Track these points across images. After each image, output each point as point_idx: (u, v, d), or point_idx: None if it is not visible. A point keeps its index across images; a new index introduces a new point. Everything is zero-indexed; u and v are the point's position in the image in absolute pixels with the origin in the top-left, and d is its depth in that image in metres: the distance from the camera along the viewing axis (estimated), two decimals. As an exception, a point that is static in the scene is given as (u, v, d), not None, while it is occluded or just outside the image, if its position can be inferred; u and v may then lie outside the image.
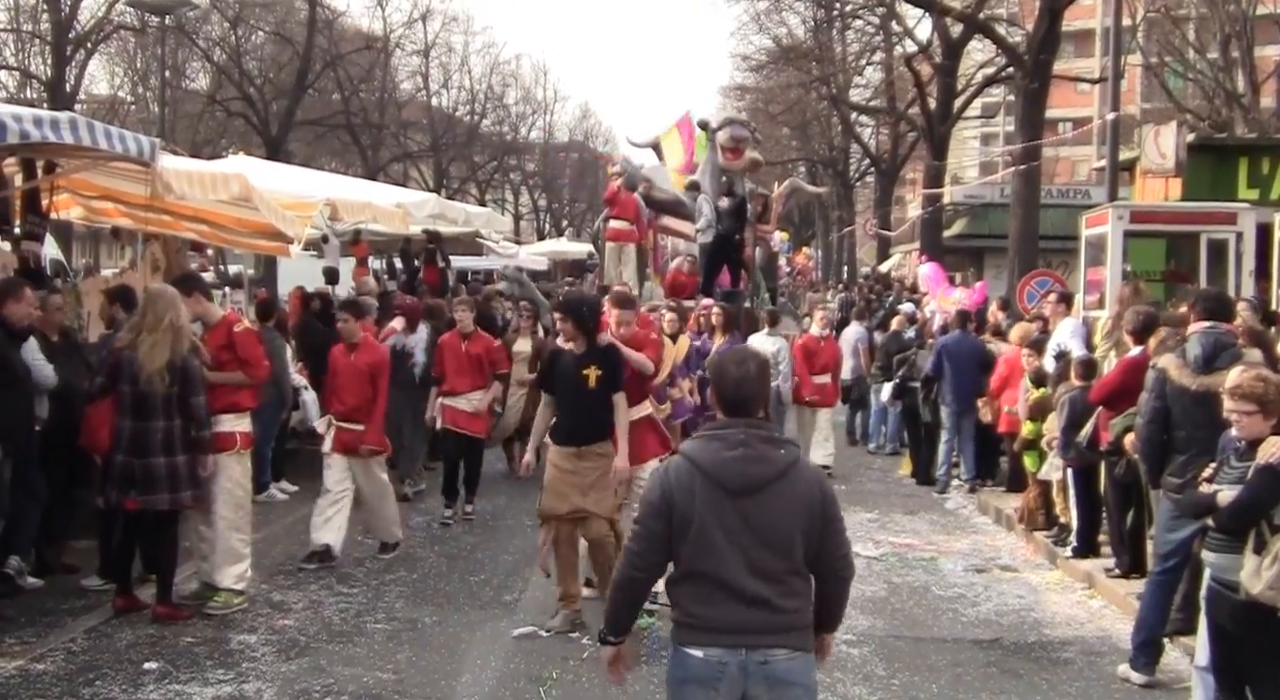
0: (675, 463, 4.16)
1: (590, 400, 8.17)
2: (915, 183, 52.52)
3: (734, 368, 4.17)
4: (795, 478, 4.05)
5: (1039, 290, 16.24)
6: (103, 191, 11.75)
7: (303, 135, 41.24)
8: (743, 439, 4.04)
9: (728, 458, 4.02)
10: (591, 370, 8.13)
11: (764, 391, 4.24)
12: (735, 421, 4.11)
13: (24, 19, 35.26)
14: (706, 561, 4.02)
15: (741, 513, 4.00)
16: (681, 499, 4.03)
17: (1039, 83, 21.48)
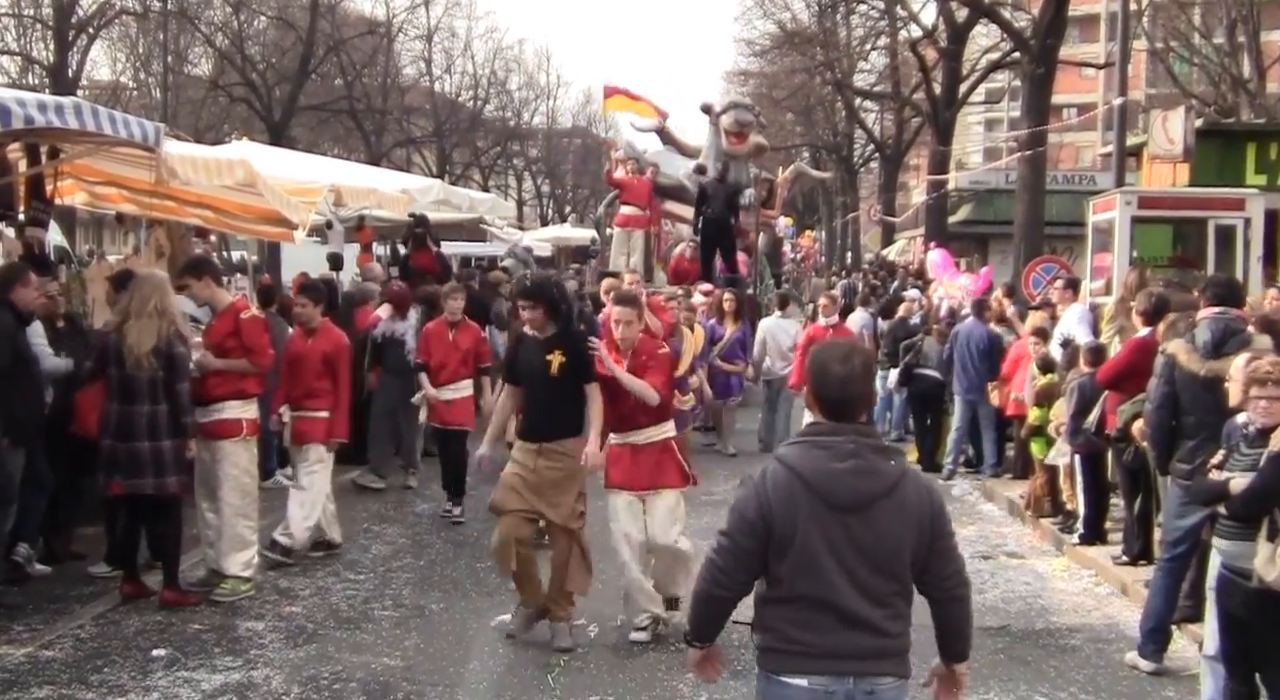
0: (773, 472, 3.74)
1: (554, 390, 7.43)
2: (919, 168, 52.50)
3: (838, 365, 3.76)
4: (905, 491, 3.70)
5: (1045, 276, 16.18)
6: (107, 177, 11.72)
7: (305, 121, 41.21)
8: (853, 449, 3.67)
9: (837, 470, 3.66)
10: (555, 356, 7.41)
11: (870, 391, 3.94)
12: (841, 427, 3.73)
13: (25, 3, 35.21)
14: (810, 583, 3.68)
15: (848, 530, 3.66)
16: (782, 514, 3.67)
17: (1045, 68, 21.40)
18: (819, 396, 3.80)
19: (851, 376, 3.74)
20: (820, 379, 3.79)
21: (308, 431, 9.50)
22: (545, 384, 7.44)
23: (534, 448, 7.45)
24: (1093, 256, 14.02)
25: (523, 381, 7.59)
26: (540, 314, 7.52)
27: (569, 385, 7.43)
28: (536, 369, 7.47)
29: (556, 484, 7.44)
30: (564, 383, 7.41)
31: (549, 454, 7.43)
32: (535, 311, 7.54)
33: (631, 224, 18.65)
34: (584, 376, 7.49)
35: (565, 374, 7.40)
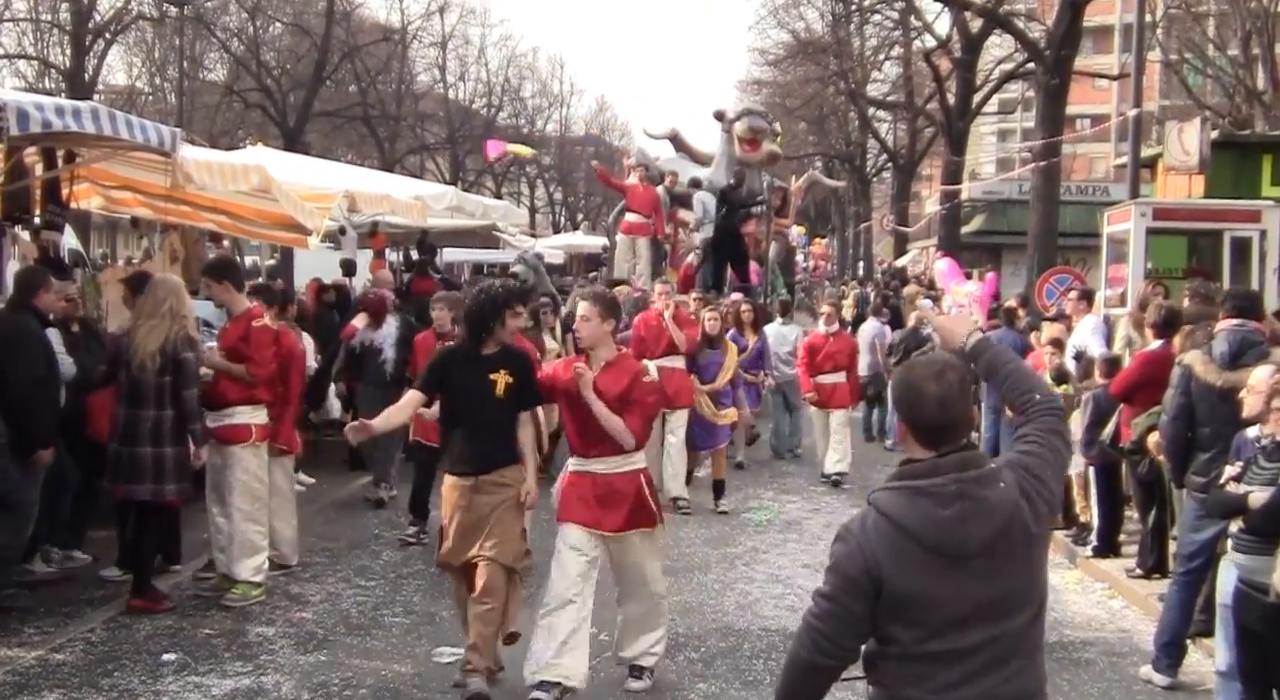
0: (874, 525, 3.25)
1: (498, 415, 6.53)
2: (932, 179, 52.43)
3: (933, 384, 3.27)
4: (1021, 507, 3.23)
5: (1059, 287, 16.15)
6: (122, 181, 11.76)
7: (320, 127, 41.32)
8: (956, 491, 3.17)
9: (945, 519, 3.17)
10: (501, 376, 6.49)
11: (970, 410, 3.39)
12: (938, 465, 3.22)
13: (43, 9, 35.36)
14: (931, 641, 3.23)
15: (974, 575, 3.19)
16: (893, 572, 3.20)
17: (1059, 79, 21.37)
18: (913, 423, 3.31)
19: (949, 396, 3.26)
20: (913, 402, 3.30)
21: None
22: (489, 408, 6.50)
23: (469, 483, 6.51)
24: (1107, 268, 13.97)
25: (457, 406, 6.64)
26: (522, 321, 7.05)
27: (511, 410, 6.58)
28: (477, 390, 6.50)
29: (499, 519, 6.50)
30: (508, 407, 6.55)
31: (488, 487, 6.50)
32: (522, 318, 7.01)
33: (635, 231, 18.53)
34: (529, 400, 6.69)
35: (511, 397, 6.53)
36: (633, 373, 6.62)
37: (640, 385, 6.57)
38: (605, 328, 6.55)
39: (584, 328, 6.56)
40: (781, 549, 10.61)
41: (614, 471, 6.57)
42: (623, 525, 6.57)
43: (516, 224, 23.95)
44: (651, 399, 6.73)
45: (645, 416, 6.67)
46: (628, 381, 6.54)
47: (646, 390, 6.63)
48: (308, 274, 17.88)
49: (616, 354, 6.67)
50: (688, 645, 7.81)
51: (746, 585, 9.35)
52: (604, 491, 6.55)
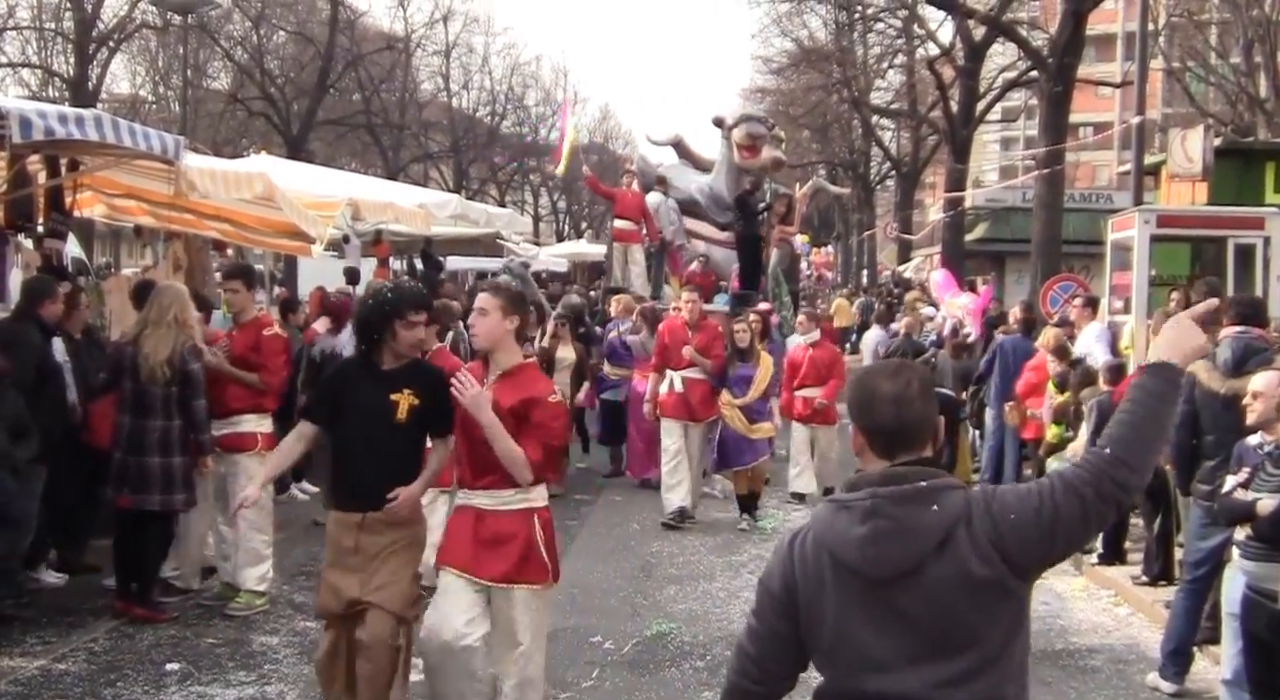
0: (802, 540, 2.96)
1: (394, 443, 5.52)
2: (935, 187, 52.48)
3: (886, 382, 2.91)
4: (962, 541, 2.76)
5: (1062, 295, 16.14)
6: (126, 190, 11.76)
7: (324, 135, 41.34)
8: (870, 507, 2.81)
9: (856, 537, 2.81)
10: (404, 397, 5.50)
11: (933, 418, 2.97)
12: (869, 474, 2.89)
13: (47, 17, 35.41)
14: (852, 680, 2.88)
15: (892, 606, 2.81)
16: (808, 589, 2.90)
17: (1062, 86, 21.35)
18: (866, 427, 2.94)
19: (905, 396, 2.87)
20: (864, 403, 2.93)
21: None
22: (384, 434, 5.50)
23: (355, 520, 5.54)
24: (1111, 275, 13.96)
25: (347, 429, 5.63)
26: (427, 332, 5.88)
27: (414, 437, 5.60)
28: (372, 412, 5.52)
29: (389, 559, 5.55)
30: (409, 434, 5.57)
31: (377, 526, 5.52)
32: (425, 327, 5.83)
33: (625, 238, 18.34)
34: (439, 427, 5.63)
35: (414, 422, 5.55)
36: (535, 388, 5.49)
37: (543, 406, 5.41)
38: (507, 326, 5.44)
39: (480, 324, 5.42)
40: (786, 557, 10.57)
41: (501, 509, 5.40)
42: (503, 575, 5.40)
43: (520, 232, 23.94)
44: (557, 425, 5.51)
45: (548, 445, 5.44)
46: (527, 397, 5.38)
47: (551, 412, 5.44)
48: (312, 282, 17.89)
49: (519, 363, 5.54)
50: (693, 653, 7.79)
51: (752, 593, 9.26)
52: (489, 533, 5.40)
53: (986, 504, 2.79)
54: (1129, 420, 2.80)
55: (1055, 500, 2.75)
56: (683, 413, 11.85)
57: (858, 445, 2.98)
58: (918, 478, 2.82)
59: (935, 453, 2.94)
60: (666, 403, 11.94)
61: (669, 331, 12.13)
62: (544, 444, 5.38)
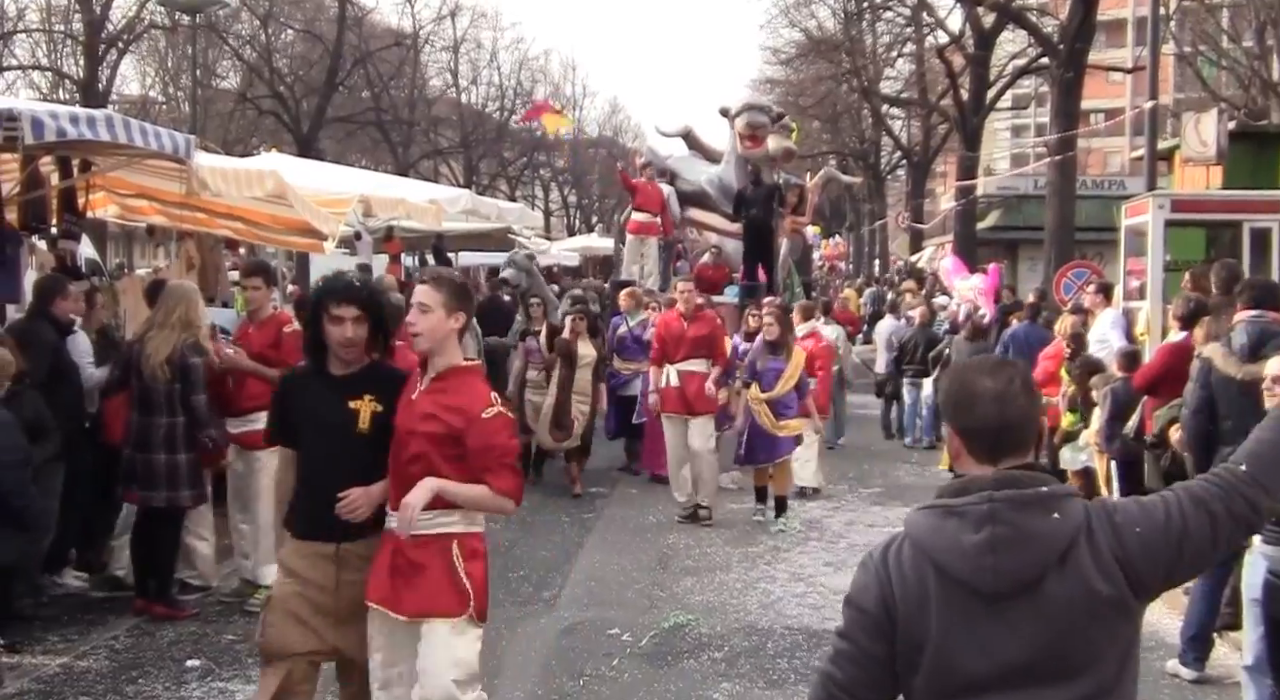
0: (897, 549, 2.70)
1: (360, 457, 4.73)
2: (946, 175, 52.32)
3: (988, 378, 2.67)
4: (1084, 551, 2.56)
5: (1076, 281, 16.13)
6: (138, 189, 11.78)
7: (333, 132, 41.42)
8: (988, 512, 2.56)
9: (971, 546, 2.56)
10: (364, 403, 4.77)
11: (1035, 416, 2.74)
12: (974, 480, 2.63)
13: (56, 19, 35.51)
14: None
15: (1009, 626, 2.57)
16: (910, 609, 2.63)
17: (1073, 72, 21.32)
18: (964, 428, 2.69)
19: (1009, 393, 2.64)
20: (963, 402, 2.69)
21: None
22: (349, 447, 4.74)
23: (327, 552, 4.78)
24: (1126, 261, 13.90)
25: (309, 446, 4.88)
26: (362, 330, 4.79)
27: (383, 447, 4.73)
28: (331, 424, 4.79)
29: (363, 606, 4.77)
30: (376, 444, 4.73)
31: (354, 561, 4.78)
32: (357, 326, 4.77)
33: (644, 231, 18.26)
34: None
35: (380, 431, 4.74)
36: (472, 400, 4.63)
37: (479, 427, 4.57)
38: (451, 324, 4.64)
39: (421, 322, 4.60)
40: (803, 547, 10.58)
41: (417, 532, 4.56)
42: (418, 609, 4.64)
43: (531, 227, 23.95)
44: (501, 441, 4.64)
45: (510, 466, 4.67)
46: (461, 414, 4.58)
47: (491, 431, 4.60)
48: (324, 279, 17.92)
49: (458, 365, 4.74)
50: (711, 645, 7.79)
51: (769, 584, 9.33)
52: (404, 560, 4.64)
53: (1108, 515, 2.60)
54: (1271, 439, 2.65)
55: (1184, 514, 2.59)
56: (679, 407, 11.42)
57: (954, 448, 2.74)
58: (1036, 482, 2.59)
59: (1037, 457, 2.72)
60: (665, 398, 11.56)
61: (664, 324, 11.79)
62: (504, 466, 4.62)
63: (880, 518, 11.90)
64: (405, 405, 4.68)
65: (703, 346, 11.44)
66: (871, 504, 12.56)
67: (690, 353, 11.43)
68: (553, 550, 10.34)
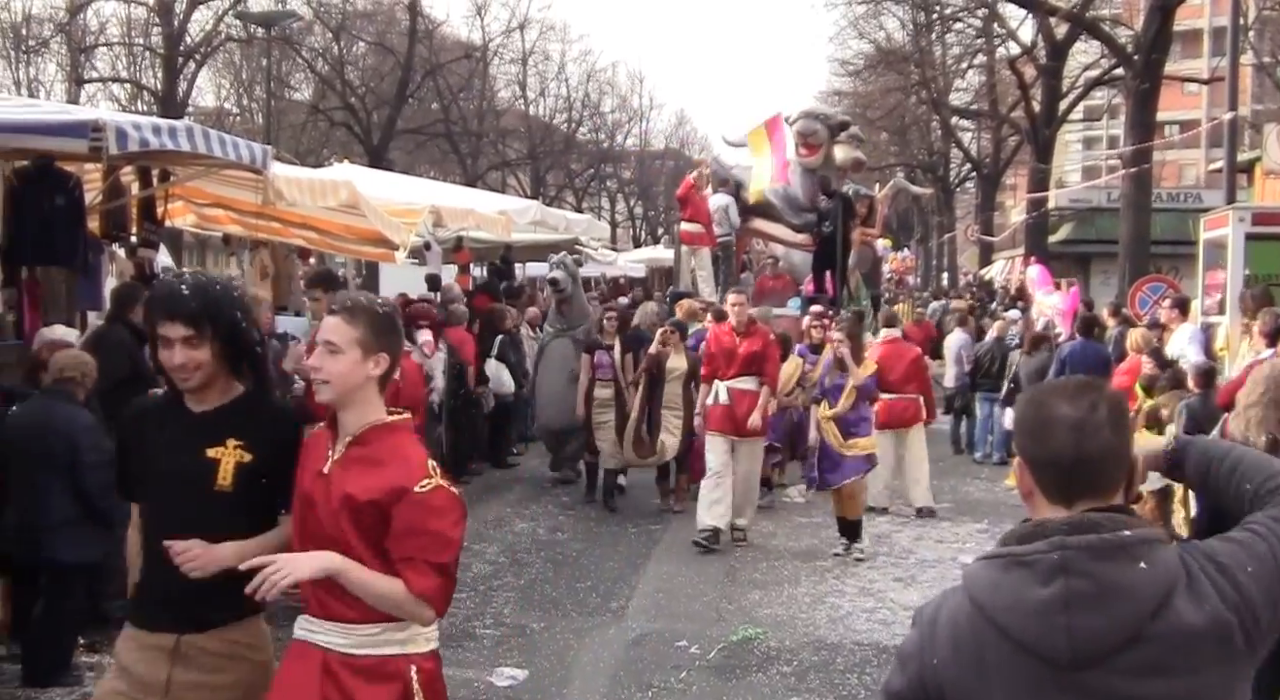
0: (951, 610, 2.30)
1: (215, 519, 3.49)
2: (1016, 188, 51.86)
3: (1066, 404, 2.25)
4: (1183, 604, 2.14)
5: (1152, 296, 15.93)
6: (215, 199, 11.96)
7: (403, 144, 41.81)
8: (1058, 561, 2.15)
9: (1038, 602, 2.15)
10: (228, 451, 3.53)
11: (1123, 451, 2.28)
12: (1053, 521, 2.21)
13: (136, 33, 36.22)
14: None
15: (1086, 698, 2.17)
16: (967, 683, 2.26)
17: (1149, 83, 21.03)
18: (1036, 461, 2.28)
19: (1091, 423, 2.21)
20: (1036, 431, 2.28)
21: None
22: (201, 508, 3.48)
23: (166, 644, 3.54)
24: (1204, 275, 13.71)
25: (148, 503, 3.72)
26: (201, 353, 3.49)
27: (249, 511, 3.55)
28: (180, 476, 3.53)
29: None
30: (240, 506, 3.52)
31: (199, 657, 3.54)
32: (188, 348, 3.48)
33: (694, 242, 18.17)
34: (280, 496, 3.57)
35: (246, 489, 3.52)
36: (401, 468, 3.35)
37: (411, 501, 3.28)
38: (369, 370, 3.41)
39: (327, 365, 3.38)
40: (872, 562, 10.48)
41: (359, 653, 3.36)
42: None
43: (598, 238, 24.04)
44: (441, 525, 3.31)
45: (440, 565, 3.30)
46: (388, 487, 3.30)
47: (426, 510, 3.29)
48: (393, 289, 18.06)
49: (381, 423, 3.44)
50: (779, 659, 7.74)
51: (837, 598, 9.25)
52: (340, 693, 3.34)
53: (1209, 558, 2.20)
54: (1242, 455, 2.47)
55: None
56: (728, 426, 10.71)
57: (1025, 486, 2.33)
58: (1118, 526, 2.17)
59: (1129, 501, 2.30)
60: (712, 415, 10.84)
61: (715, 339, 11.10)
62: (431, 563, 3.27)
63: (949, 533, 11.77)
64: (313, 477, 3.41)
65: (755, 364, 10.83)
66: (940, 519, 12.42)
67: (742, 370, 10.77)
68: (619, 561, 10.33)
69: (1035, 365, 14.46)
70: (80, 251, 9.28)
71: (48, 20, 35.54)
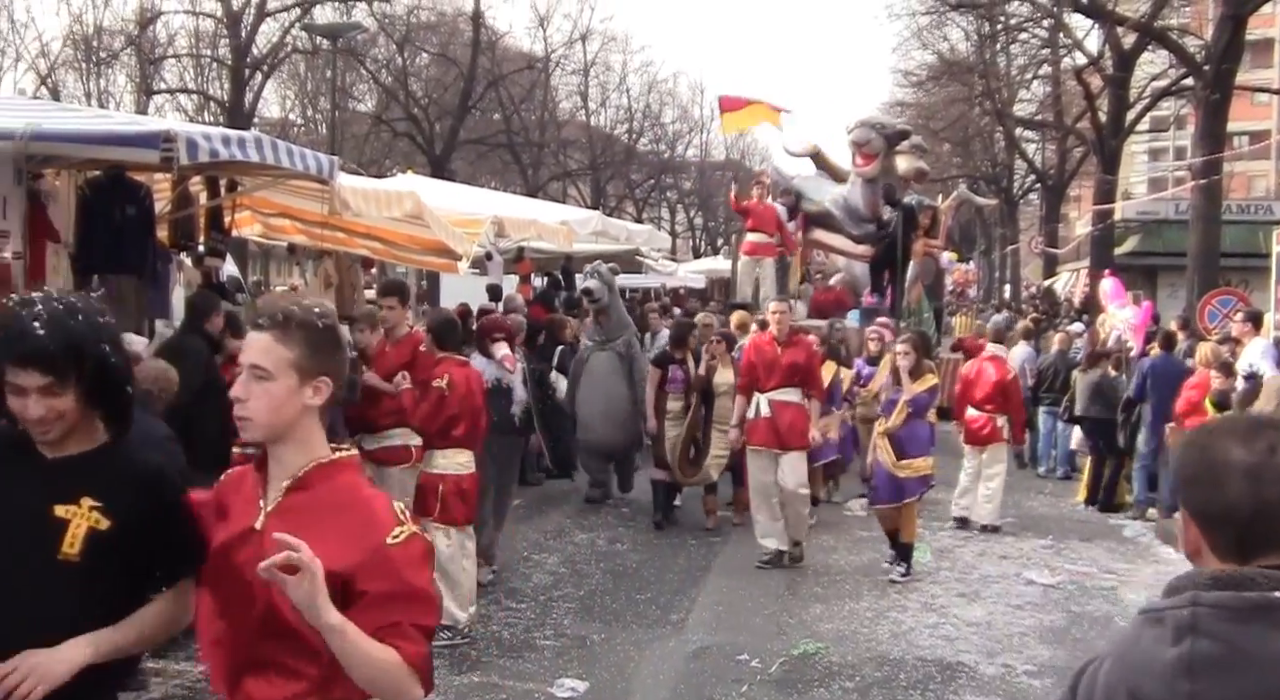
0: (1096, 667, 2.10)
1: (59, 599, 2.79)
2: (1081, 199, 51.30)
3: (1239, 447, 1.97)
4: None
5: (1222, 309, 15.67)
6: (281, 209, 12.09)
7: (465, 154, 42.04)
8: (1188, 619, 1.90)
9: (1164, 664, 1.91)
10: (81, 512, 2.82)
11: None
12: (1199, 574, 1.98)
13: (204, 44, 36.72)
14: None
15: None
16: None
17: (1220, 94, 20.71)
18: (1203, 512, 2.02)
19: (1269, 467, 1.94)
20: (1203, 477, 2.01)
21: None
22: (41, 582, 2.80)
23: None
24: (1276, 288, 13.46)
25: None
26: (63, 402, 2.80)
27: (100, 589, 2.85)
28: (16, 533, 2.81)
29: None
30: (89, 583, 2.83)
31: None
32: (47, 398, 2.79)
33: (759, 252, 18.00)
34: (164, 569, 2.98)
35: (98, 560, 2.83)
36: (374, 521, 2.71)
37: (390, 557, 2.65)
38: (306, 399, 2.78)
39: (255, 397, 2.76)
40: (934, 577, 10.38)
41: None
42: None
43: (659, 248, 24.03)
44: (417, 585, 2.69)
45: (429, 630, 2.72)
46: (358, 546, 2.65)
47: (407, 561, 2.68)
48: (454, 299, 18.14)
49: (325, 461, 2.82)
50: (841, 674, 7.67)
51: (899, 614, 9.16)
52: None
53: None
54: None
55: None
56: (770, 440, 10.27)
57: (1191, 540, 2.06)
58: (1271, 584, 1.89)
59: None
60: (753, 429, 10.41)
61: (755, 348, 10.66)
62: (422, 628, 2.67)
63: (1013, 549, 11.63)
64: (237, 537, 2.72)
65: (797, 375, 10.38)
66: (1004, 534, 12.27)
67: (783, 381, 10.32)
68: (679, 573, 10.29)
69: (1092, 381, 14.28)
70: (150, 260, 9.40)
71: (119, 32, 36.10)
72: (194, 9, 35.44)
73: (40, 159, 8.18)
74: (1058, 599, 9.83)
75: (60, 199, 8.99)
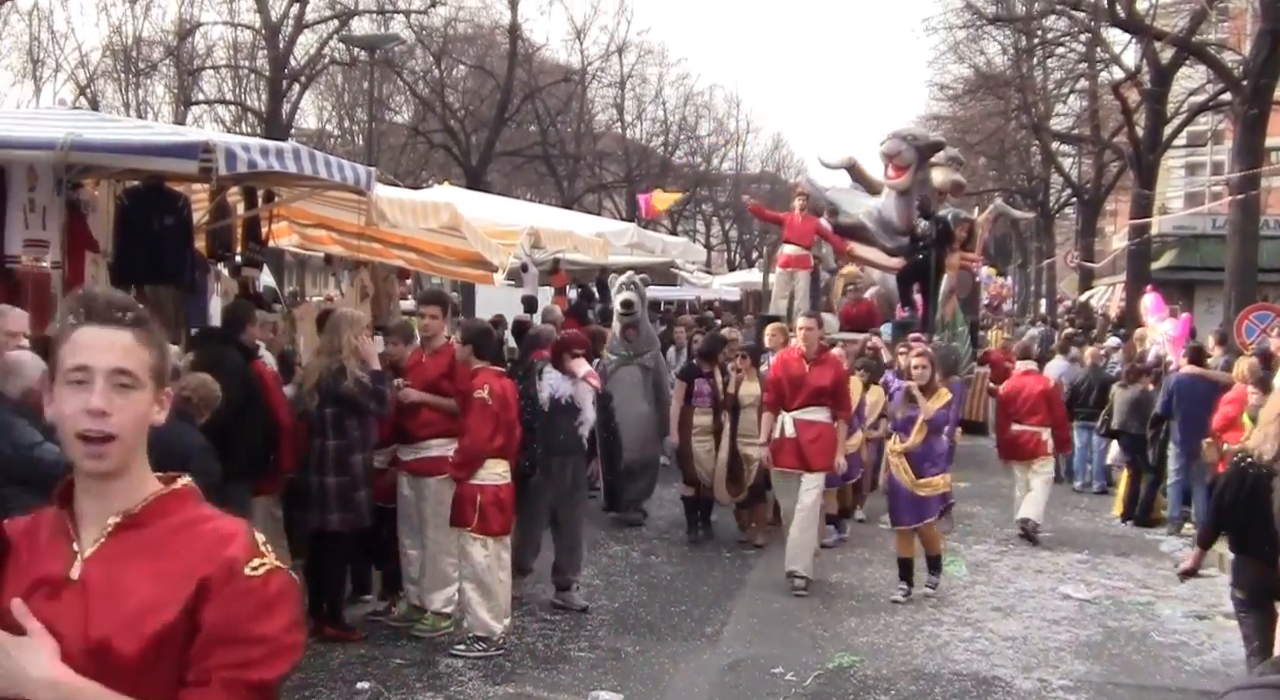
0: None
1: None
2: (1117, 214, 50.94)
3: None
4: None
5: (1259, 325, 15.53)
6: (318, 220, 12.13)
7: (501, 166, 42.19)
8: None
9: None
10: None
11: None
12: None
13: (242, 56, 37.02)
14: None
15: None
16: None
17: (1259, 109, 20.55)
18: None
19: None
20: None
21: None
22: None
23: None
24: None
25: None
26: None
27: None
28: None
29: None
30: None
31: None
32: None
33: (794, 264, 17.87)
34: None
35: None
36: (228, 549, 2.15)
37: (244, 590, 2.09)
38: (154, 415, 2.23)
39: (120, 411, 2.14)
40: (970, 591, 10.33)
41: None
42: None
43: (694, 261, 24.03)
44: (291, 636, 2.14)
45: (266, 685, 2.10)
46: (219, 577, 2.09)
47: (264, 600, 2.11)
48: (489, 311, 18.18)
49: (168, 493, 2.27)
50: (876, 687, 7.64)
51: (934, 627, 9.11)
52: None
53: None
54: None
55: None
56: (795, 461, 10.09)
57: None
58: None
59: None
60: (778, 449, 10.20)
61: (782, 364, 10.44)
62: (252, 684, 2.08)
63: (1049, 563, 11.56)
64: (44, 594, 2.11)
65: (825, 394, 10.16)
66: (1040, 548, 12.20)
67: (810, 400, 10.12)
68: (714, 585, 10.27)
69: (1131, 397, 14.20)
70: (188, 270, 9.46)
71: (157, 43, 36.45)
72: (232, 20, 35.80)
73: (80, 169, 8.25)
74: (1093, 614, 9.77)
75: (99, 209, 9.05)
